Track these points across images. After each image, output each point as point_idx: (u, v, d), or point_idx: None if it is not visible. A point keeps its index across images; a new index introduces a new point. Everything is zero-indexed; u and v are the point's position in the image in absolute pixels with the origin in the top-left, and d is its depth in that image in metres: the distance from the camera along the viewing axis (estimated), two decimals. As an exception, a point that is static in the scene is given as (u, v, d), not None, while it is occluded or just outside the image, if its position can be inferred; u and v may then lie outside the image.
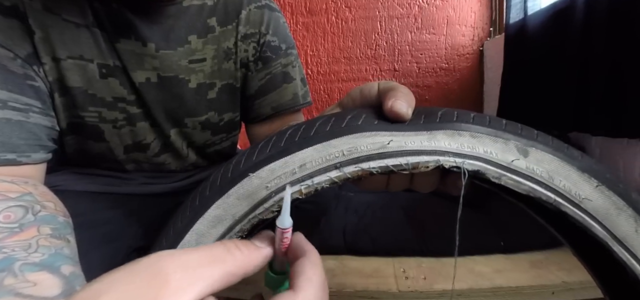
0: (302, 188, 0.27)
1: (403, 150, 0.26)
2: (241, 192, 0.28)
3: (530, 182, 0.26)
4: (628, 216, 0.27)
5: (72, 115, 0.51)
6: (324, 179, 0.27)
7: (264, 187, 0.27)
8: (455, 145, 0.26)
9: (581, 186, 0.26)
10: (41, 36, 0.45)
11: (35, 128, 0.44)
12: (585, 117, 1.09)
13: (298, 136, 0.28)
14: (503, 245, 0.89)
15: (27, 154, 0.42)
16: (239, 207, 0.28)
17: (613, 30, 0.98)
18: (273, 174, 0.27)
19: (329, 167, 0.27)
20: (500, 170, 0.26)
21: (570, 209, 0.26)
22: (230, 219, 0.28)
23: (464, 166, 0.26)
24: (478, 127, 0.26)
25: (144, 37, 0.51)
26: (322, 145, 0.27)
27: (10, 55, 0.42)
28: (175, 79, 0.55)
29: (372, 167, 0.26)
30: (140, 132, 0.56)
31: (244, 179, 0.28)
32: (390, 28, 2.02)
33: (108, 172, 0.60)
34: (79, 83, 0.49)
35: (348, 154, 0.26)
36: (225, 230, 0.28)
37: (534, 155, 0.26)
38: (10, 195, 0.36)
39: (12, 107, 0.41)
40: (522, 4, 1.46)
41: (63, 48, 0.47)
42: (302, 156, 0.27)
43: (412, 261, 0.89)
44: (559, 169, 0.26)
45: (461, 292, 0.76)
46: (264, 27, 0.62)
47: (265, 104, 0.65)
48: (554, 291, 0.75)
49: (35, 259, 0.31)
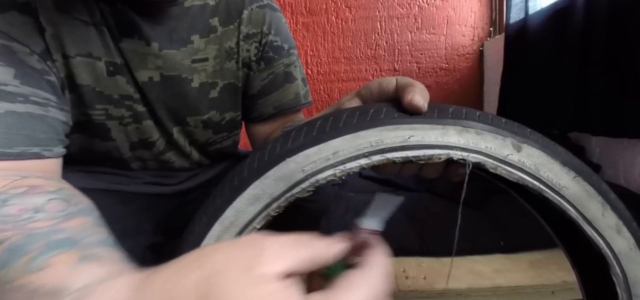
0: (336, 172, 0.31)
1: (421, 144, 0.31)
2: (278, 174, 0.31)
3: (520, 172, 0.32)
4: (597, 202, 0.32)
5: (80, 113, 0.52)
6: (355, 165, 0.31)
7: (301, 170, 0.31)
8: (463, 141, 0.31)
9: (562, 177, 0.32)
10: (52, 33, 0.46)
11: (54, 122, 0.44)
12: (585, 117, 1.09)
13: (328, 127, 0.32)
14: (503, 245, 0.89)
15: (50, 148, 0.43)
16: (276, 187, 0.32)
17: (613, 31, 0.98)
18: (308, 159, 0.31)
19: (359, 156, 0.31)
20: (496, 163, 0.31)
21: (551, 195, 0.32)
22: (268, 198, 0.32)
23: (469, 159, 0.31)
24: (482, 125, 0.31)
25: (148, 36, 0.51)
26: (352, 135, 0.31)
27: (27, 50, 0.43)
28: (178, 78, 0.56)
29: (395, 157, 0.31)
30: (146, 129, 0.57)
31: (281, 162, 0.31)
32: (390, 28, 2.02)
33: (112, 170, 0.60)
34: (88, 81, 0.50)
35: (375, 145, 0.31)
36: (263, 207, 0.32)
37: (526, 151, 0.31)
38: (49, 188, 0.36)
39: (33, 101, 0.42)
40: (522, 4, 1.46)
41: (73, 46, 0.48)
42: (334, 145, 0.31)
43: (412, 261, 0.89)
44: (544, 163, 0.32)
45: (461, 292, 0.76)
46: (266, 27, 0.62)
47: (267, 104, 0.66)
48: (554, 291, 0.75)
49: (94, 239, 0.32)
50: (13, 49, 0.41)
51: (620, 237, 0.33)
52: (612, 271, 0.34)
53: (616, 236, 0.33)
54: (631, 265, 0.34)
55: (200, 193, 0.68)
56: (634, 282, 0.34)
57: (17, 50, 0.42)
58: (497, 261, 0.87)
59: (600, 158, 1.18)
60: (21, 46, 0.42)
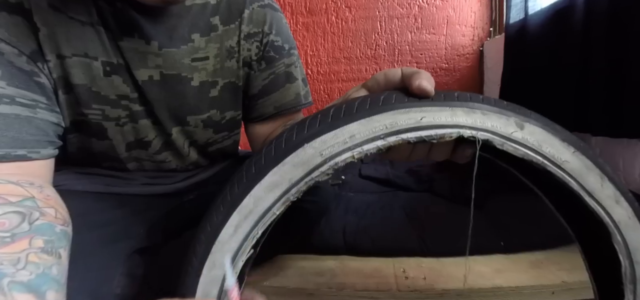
0: (354, 154, 0.33)
1: (433, 124, 0.33)
2: (296, 160, 0.33)
3: (525, 148, 0.34)
4: (595, 174, 0.35)
5: (76, 113, 0.51)
6: (372, 147, 0.33)
7: (319, 154, 0.33)
8: (471, 120, 0.33)
9: (562, 152, 0.34)
10: (46, 33, 0.46)
11: (42, 124, 0.44)
12: (585, 117, 1.09)
13: (343, 113, 0.34)
14: (503, 245, 0.89)
15: (37, 150, 0.43)
16: (295, 172, 0.33)
17: (613, 30, 0.98)
18: (325, 144, 0.33)
19: (376, 138, 0.33)
20: (503, 140, 0.34)
21: (553, 169, 0.34)
22: (287, 183, 0.33)
23: (478, 136, 0.33)
24: (486, 106, 0.34)
25: (148, 35, 0.51)
26: (366, 120, 0.33)
27: (15, 52, 0.43)
28: (178, 77, 0.56)
29: (410, 137, 0.33)
30: (142, 129, 0.57)
31: (299, 148, 0.33)
32: (390, 28, 2.02)
33: (109, 171, 0.60)
34: (84, 80, 0.50)
35: (390, 127, 0.33)
36: (282, 193, 0.33)
37: (528, 129, 0.34)
38: (10, 198, 0.35)
39: (20, 103, 0.42)
40: (522, 4, 1.46)
41: (68, 46, 0.47)
42: (350, 129, 0.33)
43: (412, 261, 0.89)
44: (546, 139, 0.34)
45: (461, 292, 0.76)
46: (267, 27, 0.62)
47: (268, 104, 0.66)
48: (554, 291, 0.75)
49: (22, 277, 0.31)
50: (1, 50, 0.41)
51: (618, 207, 0.35)
52: (613, 239, 0.35)
53: (615, 206, 0.35)
54: (631, 233, 0.35)
55: (197, 193, 0.68)
56: (634, 249, 0.35)
57: (4, 51, 0.42)
58: (497, 261, 0.87)
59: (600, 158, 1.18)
60: (10, 47, 0.42)
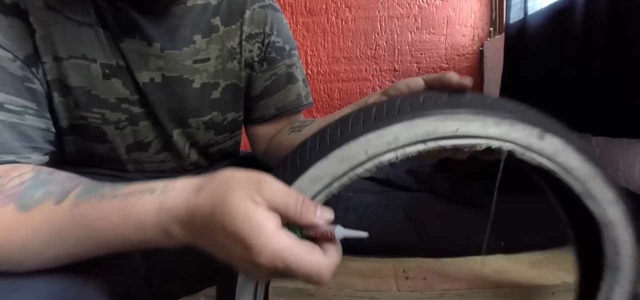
0: (398, 154, 0.36)
1: (467, 135, 0.36)
2: (341, 156, 0.35)
3: (540, 157, 0.38)
4: (599, 181, 0.39)
5: (74, 117, 0.51)
6: (413, 150, 0.36)
7: (364, 152, 0.35)
8: (499, 132, 0.36)
9: (574, 160, 0.38)
10: (42, 35, 0.45)
11: (29, 130, 0.43)
12: (585, 117, 1.09)
13: (385, 113, 0.36)
14: (503, 245, 0.89)
15: (27, 156, 0.42)
16: (339, 167, 0.35)
17: (613, 30, 0.98)
18: (370, 143, 0.35)
19: (418, 142, 0.35)
20: (523, 150, 0.37)
21: (563, 175, 0.39)
22: (330, 178, 0.35)
23: (503, 147, 0.37)
24: (514, 115, 0.37)
25: (150, 36, 0.50)
26: (409, 123, 0.35)
27: (10, 56, 0.42)
28: (179, 79, 0.55)
29: (447, 144, 0.36)
30: (142, 131, 0.56)
31: (343, 145, 0.35)
32: (390, 28, 2.02)
33: (109, 171, 0.60)
34: (81, 83, 0.49)
35: (432, 134, 0.35)
36: (324, 186, 0.36)
37: (547, 140, 0.37)
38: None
39: (7, 109, 0.41)
40: (522, 4, 1.46)
41: (64, 47, 0.46)
42: (393, 131, 0.35)
43: (412, 261, 0.89)
44: (561, 149, 0.38)
45: (461, 292, 0.76)
46: (268, 28, 0.62)
47: (269, 105, 0.66)
48: (554, 291, 0.75)
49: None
50: None
51: (614, 209, 0.40)
52: (605, 235, 0.41)
53: (611, 208, 0.40)
54: (620, 231, 0.41)
55: None
56: (620, 242, 0.41)
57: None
58: (497, 261, 0.87)
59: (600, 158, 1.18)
60: (4, 52, 0.41)
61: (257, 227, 0.27)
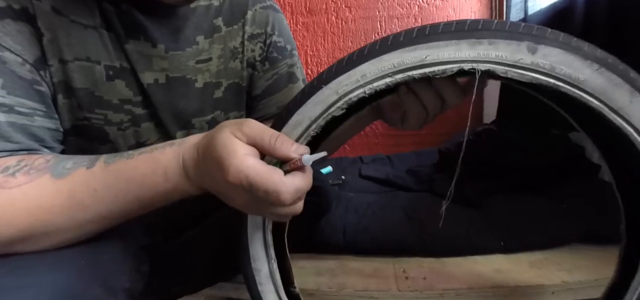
0: (366, 90, 0.37)
1: (436, 62, 0.35)
2: (315, 100, 0.39)
3: (532, 73, 0.34)
4: (624, 91, 0.33)
5: (77, 118, 0.51)
6: (381, 84, 0.37)
7: (335, 92, 0.38)
8: (474, 53, 0.34)
9: (581, 71, 0.33)
10: (49, 38, 0.46)
11: (39, 131, 0.44)
12: (585, 117, 1.09)
13: (355, 56, 0.38)
14: (503, 245, 0.89)
15: (38, 153, 0.43)
16: (314, 110, 0.39)
17: (613, 30, 0.98)
18: (340, 84, 0.38)
19: (384, 76, 0.37)
20: (506, 68, 0.34)
21: (569, 89, 0.34)
22: (308, 121, 0.39)
23: (478, 68, 0.35)
24: (497, 33, 0.34)
25: (154, 38, 0.51)
26: (376, 60, 0.37)
27: (19, 60, 0.43)
28: (182, 79, 0.56)
29: (414, 74, 0.36)
30: (144, 132, 0.57)
31: (317, 91, 0.38)
32: (390, 28, 2.02)
33: None
34: (85, 84, 0.50)
35: (398, 66, 0.36)
36: (304, 130, 0.40)
37: (541, 52, 0.33)
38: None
39: (17, 111, 0.42)
40: (522, 4, 1.46)
41: (70, 50, 0.47)
42: (361, 69, 0.37)
43: (412, 261, 0.89)
44: (562, 60, 0.33)
45: (461, 292, 0.76)
46: (270, 28, 0.63)
47: (271, 104, 0.66)
48: (554, 291, 0.75)
49: None
50: (4, 59, 0.41)
51: None
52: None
53: None
54: None
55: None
56: None
57: (7, 60, 0.42)
58: (497, 261, 0.87)
59: (600, 158, 1.18)
60: (13, 56, 0.42)
61: (230, 151, 0.33)
